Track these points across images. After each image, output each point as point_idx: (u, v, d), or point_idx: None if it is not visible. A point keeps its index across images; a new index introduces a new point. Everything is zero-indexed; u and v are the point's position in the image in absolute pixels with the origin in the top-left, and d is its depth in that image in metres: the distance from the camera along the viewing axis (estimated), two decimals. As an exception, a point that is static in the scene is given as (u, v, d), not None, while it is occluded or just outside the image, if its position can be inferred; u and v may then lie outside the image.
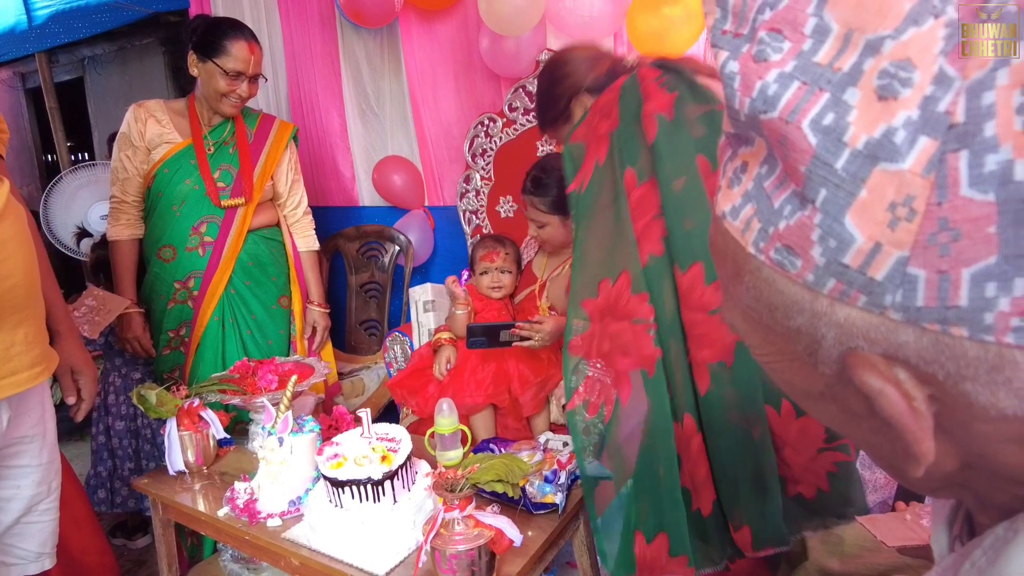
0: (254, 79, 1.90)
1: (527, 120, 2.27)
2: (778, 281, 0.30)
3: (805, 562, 1.01)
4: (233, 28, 1.86)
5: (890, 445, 0.32)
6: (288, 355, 2.06)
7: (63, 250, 3.14)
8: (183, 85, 4.04)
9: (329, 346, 2.28)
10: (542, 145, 2.25)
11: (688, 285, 1.10)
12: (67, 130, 4.24)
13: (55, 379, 1.31)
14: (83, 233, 3.15)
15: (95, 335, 1.80)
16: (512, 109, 2.29)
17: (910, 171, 0.25)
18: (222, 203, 1.94)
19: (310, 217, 2.18)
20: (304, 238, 2.15)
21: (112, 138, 3.05)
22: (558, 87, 1.36)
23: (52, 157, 4.85)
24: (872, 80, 0.25)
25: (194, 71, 1.89)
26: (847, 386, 0.31)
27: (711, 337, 1.10)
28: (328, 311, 2.21)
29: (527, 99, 2.24)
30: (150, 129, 1.92)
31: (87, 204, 3.19)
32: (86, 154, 5.18)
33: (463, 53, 2.42)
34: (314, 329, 2.17)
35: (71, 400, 1.35)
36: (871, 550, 0.97)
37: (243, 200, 1.96)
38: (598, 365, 1.14)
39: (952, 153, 0.24)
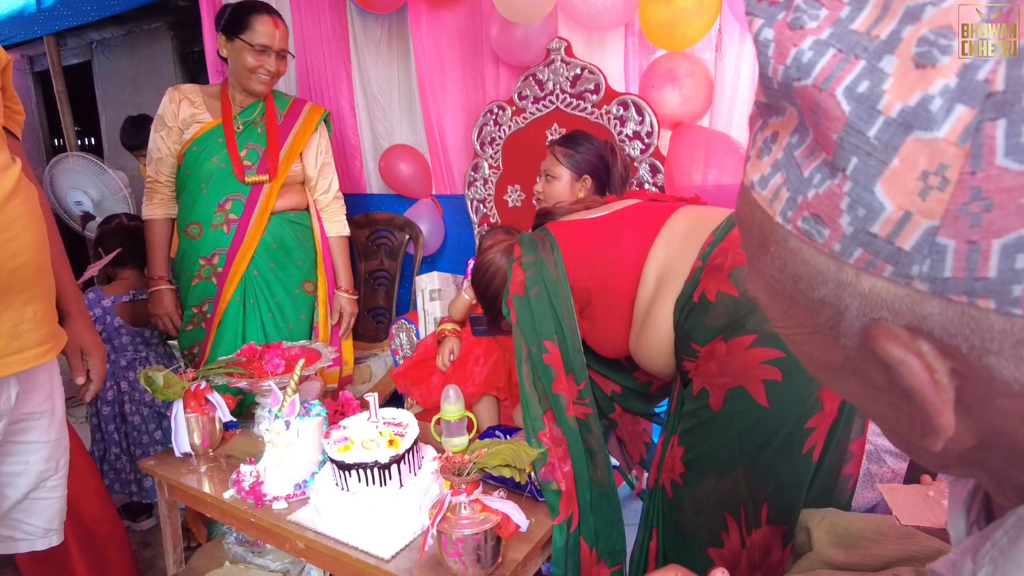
0: (281, 55, 1.92)
1: (536, 109, 2.26)
2: (804, 251, 0.30)
3: (810, 552, 1.01)
4: (257, 5, 1.91)
5: (908, 419, 0.32)
6: (309, 340, 2.06)
7: (72, 224, 3.26)
8: (191, 69, 4.04)
9: (350, 338, 2.27)
10: (551, 134, 2.24)
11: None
12: (74, 114, 4.25)
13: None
14: (87, 216, 3.22)
15: None
16: (522, 97, 2.28)
17: (944, 140, 0.24)
18: (246, 179, 1.95)
19: (341, 202, 2.18)
20: (333, 223, 2.15)
21: (127, 122, 3.10)
22: (491, 287, 1.42)
23: (59, 140, 4.85)
24: (910, 48, 0.25)
25: (224, 52, 1.93)
26: (868, 359, 0.31)
27: None
28: (356, 297, 2.21)
29: (537, 87, 2.23)
30: (183, 110, 1.96)
31: (65, 189, 3.32)
32: (92, 138, 5.18)
33: (472, 41, 2.41)
34: (341, 315, 2.17)
35: (80, 380, 1.36)
36: (877, 541, 0.97)
37: (267, 177, 1.97)
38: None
39: (989, 122, 0.24)
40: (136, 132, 3.02)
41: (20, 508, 1.24)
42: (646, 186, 2.09)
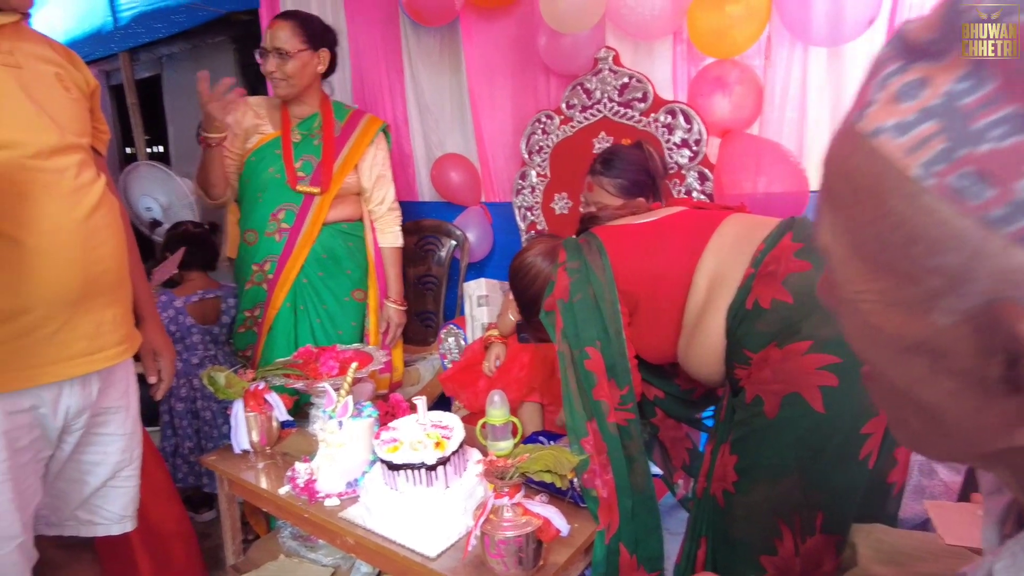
0: (280, 54, 1.92)
1: (584, 117, 2.28)
2: (942, 211, 0.27)
3: (854, 568, 1.00)
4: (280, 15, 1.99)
5: (961, 410, 0.29)
6: (362, 344, 2.10)
7: (142, 229, 3.49)
8: (251, 81, 4.20)
9: (400, 346, 2.30)
10: (598, 142, 2.26)
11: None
12: (144, 124, 4.49)
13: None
14: (155, 223, 3.45)
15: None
16: (570, 106, 2.30)
17: None
18: (298, 188, 2.01)
19: (396, 214, 2.20)
20: (386, 234, 2.18)
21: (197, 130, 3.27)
22: (531, 289, 1.44)
23: (130, 149, 5.12)
24: None
25: None
26: (963, 339, 0.28)
27: None
28: (404, 308, 2.23)
29: (584, 96, 2.25)
30: (248, 119, 2.05)
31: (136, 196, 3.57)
32: (161, 147, 5.44)
33: (521, 51, 2.45)
34: (388, 324, 2.20)
35: (152, 379, 1.46)
36: (925, 560, 0.95)
37: (318, 190, 2.02)
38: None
39: None
40: None
41: (99, 495, 1.34)
42: (694, 194, 2.09)
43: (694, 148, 2.06)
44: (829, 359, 1.03)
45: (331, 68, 2.09)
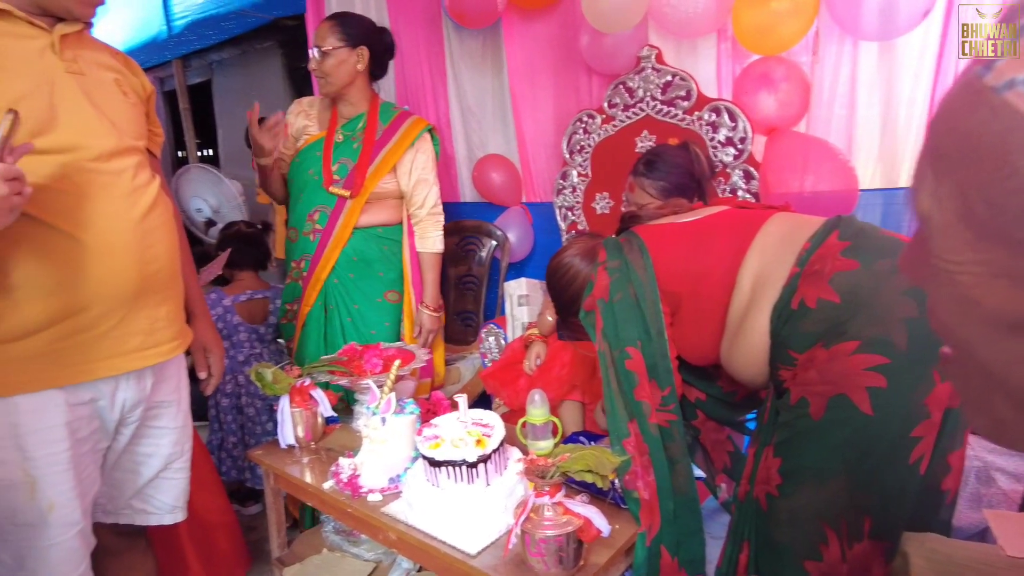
0: (323, 52, 1.97)
1: (626, 116, 2.26)
2: None
3: (907, 578, 0.96)
4: None
5: None
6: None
7: (194, 230, 3.62)
8: (298, 84, 4.30)
9: (441, 349, 2.28)
10: (641, 141, 2.24)
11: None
12: (195, 128, 4.64)
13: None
14: (210, 222, 3.57)
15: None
16: (612, 105, 2.29)
17: None
18: (331, 189, 2.03)
19: (437, 218, 2.14)
20: (424, 239, 2.13)
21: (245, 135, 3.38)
22: (570, 289, 1.44)
23: (182, 152, 5.29)
24: None
25: None
26: None
27: None
28: (438, 315, 2.18)
29: (627, 95, 2.24)
30: (298, 121, 2.11)
31: (187, 197, 3.70)
32: (211, 150, 5.61)
33: (563, 51, 2.44)
34: (421, 330, 2.17)
35: (203, 374, 1.51)
36: (982, 572, 0.92)
37: (348, 193, 2.02)
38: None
39: None
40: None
41: (152, 485, 1.39)
42: (739, 192, 2.05)
43: (739, 146, 2.02)
44: (878, 359, 1.00)
45: (379, 68, 2.10)
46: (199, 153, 4.87)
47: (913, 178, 0.33)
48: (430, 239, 2.13)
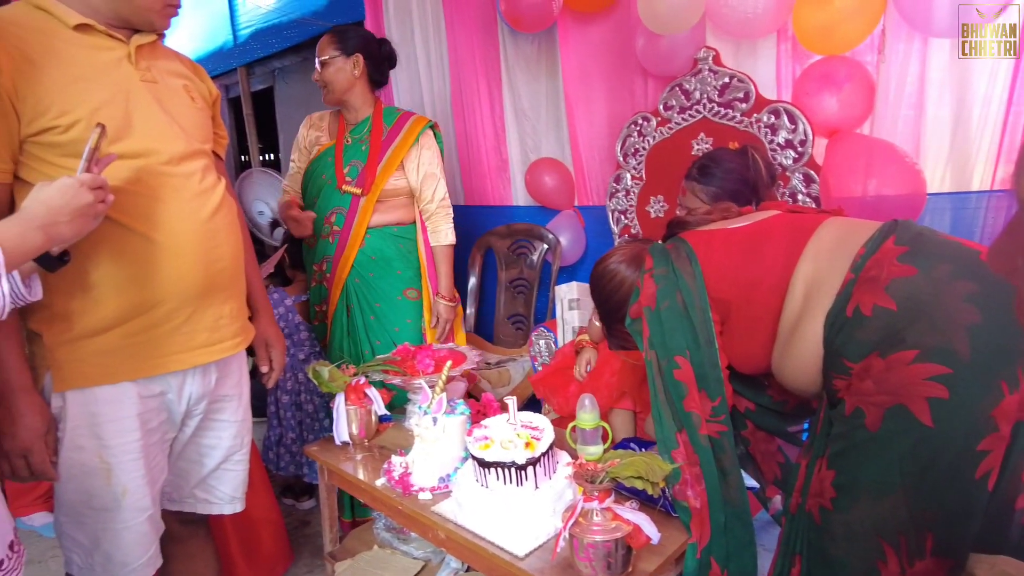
0: (320, 63, 2.09)
1: (682, 119, 2.23)
2: None
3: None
4: None
5: None
6: (419, 343, 2.17)
7: (259, 234, 3.77)
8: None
9: (461, 336, 2.34)
10: (697, 143, 2.20)
11: None
12: (257, 133, 4.81)
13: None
14: (275, 223, 3.75)
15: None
16: (667, 108, 2.26)
17: None
18: (343, 188, 2.11)
19: (446, 211, 2.20)
20: (436, 232, 2.19)
21: None
22: (615, 297, 1.41)
23: (245, 157, 5.49)
24: None
25: None
26: None
27: None
28: (453, 304, 2.25)
29: (683, 97, 2.21)
30: (310, 134, 2.23)
31: (250, 200, 3.87)
32: (272, 155, 5.80)
33: (618, 53, 2.43)
34: (438, 320, 2.24)
35: (264, 368, 1.56)
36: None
37: (360, 190, 2.10)
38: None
39: None
40: None
41: (214, 476, 1.45)
42: (799, 196, 2.00)
43: (799, 149, 1.97)
44: (939, 369, 0.96)
45: (380, 76, 2.17)
46: (261, 158, 5.04)
47: (1016, 164, 0.31)
48: (442, 231, 2.19)
